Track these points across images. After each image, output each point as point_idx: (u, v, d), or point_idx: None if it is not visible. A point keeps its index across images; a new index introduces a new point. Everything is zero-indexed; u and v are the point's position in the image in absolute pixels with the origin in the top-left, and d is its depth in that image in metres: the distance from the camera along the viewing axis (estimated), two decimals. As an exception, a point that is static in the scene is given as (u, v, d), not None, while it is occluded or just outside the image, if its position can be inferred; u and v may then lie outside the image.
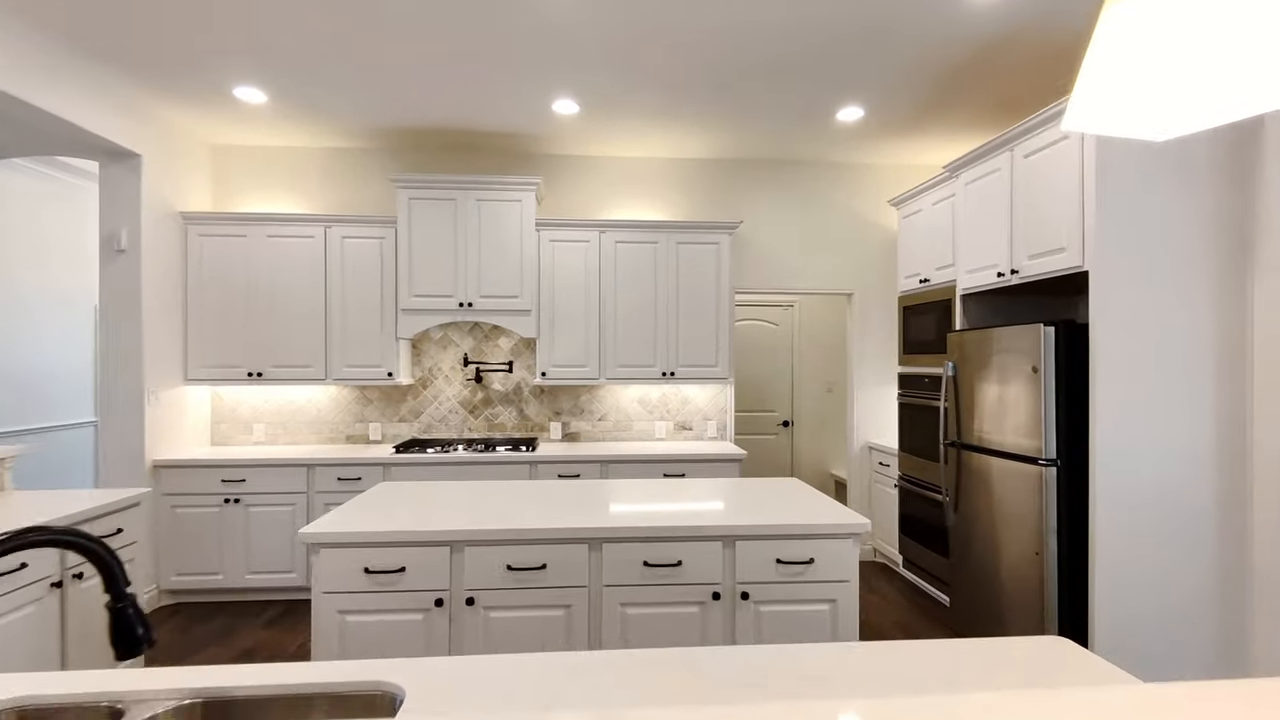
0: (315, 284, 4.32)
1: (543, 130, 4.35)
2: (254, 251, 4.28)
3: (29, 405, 5.92)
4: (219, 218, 4.24)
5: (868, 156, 4.83)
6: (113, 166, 3.83)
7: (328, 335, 4.33)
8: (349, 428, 4.65)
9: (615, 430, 4.81)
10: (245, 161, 4.62)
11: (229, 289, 4.27)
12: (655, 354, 4.51)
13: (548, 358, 4.45)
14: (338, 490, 4.06)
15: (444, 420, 4.70)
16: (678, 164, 4.86)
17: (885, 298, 5.00)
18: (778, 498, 2.69)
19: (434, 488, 2.92)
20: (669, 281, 4.51)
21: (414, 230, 4.30)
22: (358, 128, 4.36)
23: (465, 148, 4.68)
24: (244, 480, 4.02)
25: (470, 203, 4.32)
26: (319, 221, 4.31)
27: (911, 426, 4.19)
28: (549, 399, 4.77)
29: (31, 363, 5.92)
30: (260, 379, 4.28)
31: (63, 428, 6.24)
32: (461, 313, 4.32)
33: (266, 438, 4.59)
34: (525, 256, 4.35)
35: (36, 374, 5.97)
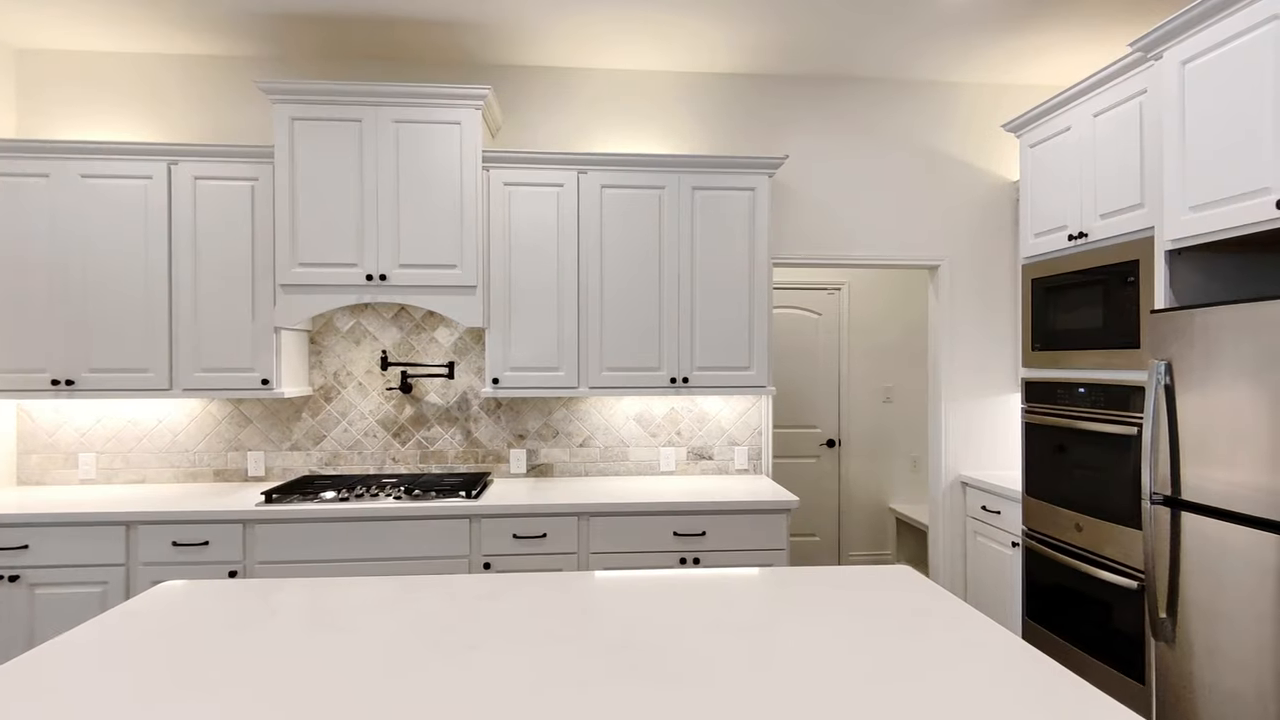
0: (154, 248, 2.89)
1: (495, 17, 2.92)
2: (61, 199, 2.86)
3: None
4: (4, 147, 2.82)
5: (961, 68, 3.38)
6: None
7: (173, 324, 2.90)
8: (219, 459, 3.22)
9: (603, 460, 3.37)
10: (63, 74, 3.19)
11: (22, 254, 2.85)
12: (661, 352, 3.07)
13: (502, 357, 3.02)
14: (174, 561, 2.64)
15: (356, 447, 3.27)
16: (691, 81, 3.42)
17: (985, 271, 3.55)
18: (920, 634, 1.25)
19: (241, 607, 1.50)
20: (681, 245, 3.07)
21: (299, 167, 2.86)
22: (227, 21, 2.93)
23: (384, 55, 3.24)
24: (26, 546, 2.60)
25: (385, 125, 2.89)
26: (159, 154, 2.88)
27: (1052, 460, 2.74)
28: (509, 416, 3.34)
29: None
30: (70, 389, 2.86)
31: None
32: (372, 289, 2.89)
33: (100, 474, 3.17)
34: (467, 206, 2.92)
35: None
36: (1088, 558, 2.55)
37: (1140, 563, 2.31)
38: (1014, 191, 3.56)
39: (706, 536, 2.80)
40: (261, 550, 2.66)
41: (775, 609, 1.56)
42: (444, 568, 2.72)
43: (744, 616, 1.51)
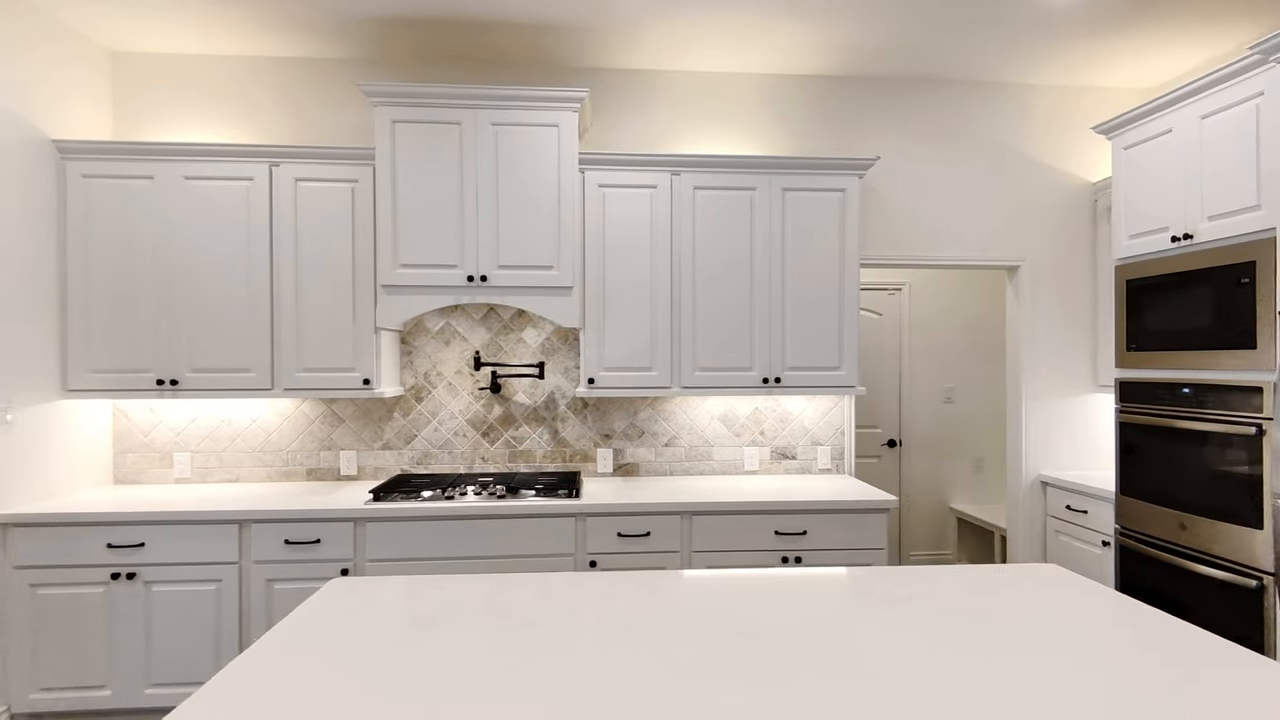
0: (256, 249, 2.92)
1: (591, 20, 2.94)
2: (166, 201, 2.89)
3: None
4: (111, 149, 2.86)
5: (1040, 71, 3.40)
6: (-70, 61, 2.46)
7: (275, 325, 2.93)
8: (312, 458, 3.25)
9: (688, 459, 3.40)
10: (157, 77, 3.23)
11: (129, 256, 2.89)
12: (753, 352, 3.10)
13: (597, 357, 3.04)
14: (286, 559, 2.67)
15: (446, 446, 3.30)
16: (772, 82, 3.44)
17: (1064, 272, 3.57)
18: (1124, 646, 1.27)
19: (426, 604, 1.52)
20: (772, 245, 3.10)
21: (400, 169, 2.89)
22: (321, 23, 2.96)
23: (470, 57, 3.27)
24: (143, 544, 2.63)
25: (484, 128, 2.91)
26: (261, 156, 2.91)
27: (1151, 459, 2.76)
28: (595, 416, 3.37)
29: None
30: (175, 389, 2.89)
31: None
32: (471, 291, 2.92)
33: (194, 473, 3.20)
34: (564, 208, 2.95)
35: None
36: (1195, 556, 2.56)
37: (1258, 561, 2.32)
38: (1093, 193, 3.58)
39: (808, 535, 2.83)
40: (372, 548, 2.69)
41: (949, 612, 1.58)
42: (550, 565, 2.74)
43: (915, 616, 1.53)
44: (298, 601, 2.66)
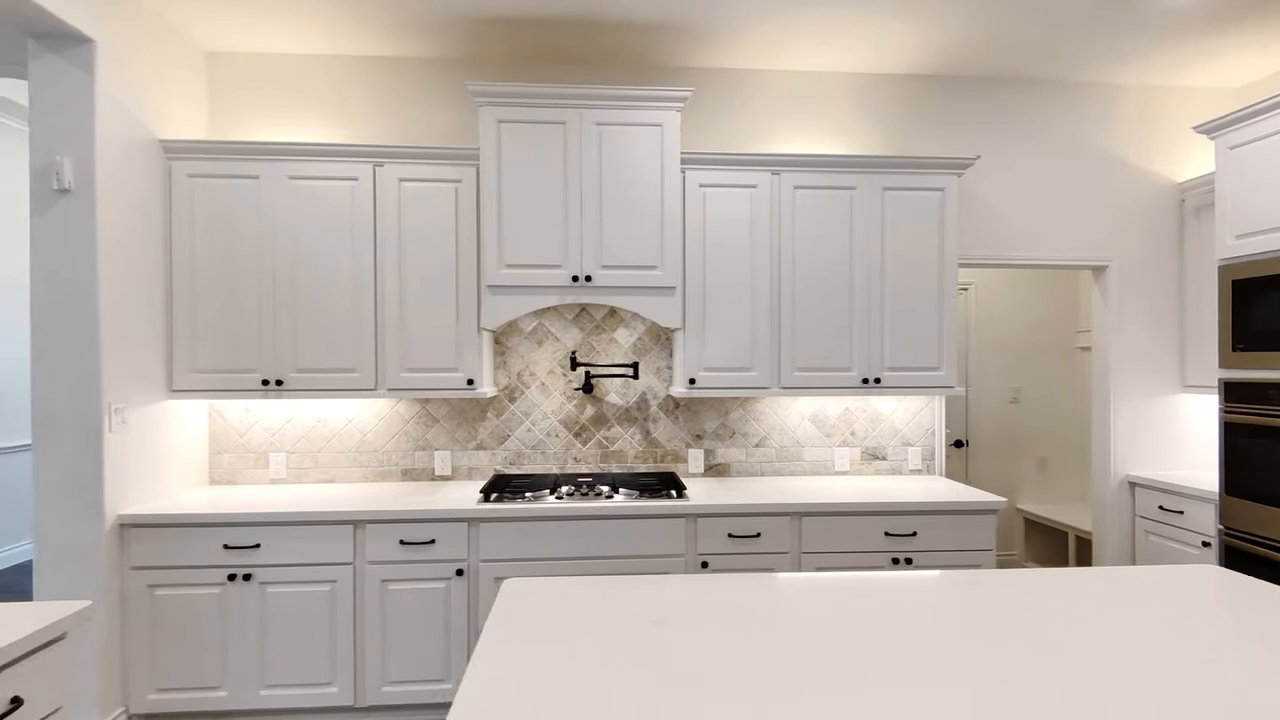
0: (360, 249, 2.92)
1: (695, 20, 2.93)
2: (270, 201, 2.89)
3: None
4: (218, 149, 2.85)
5: (1129, 71, 3.38)
6: (47, 57, 2.45)
7: (379, 326, 2.93)
8: (407, 458, 3.24)
9: (778, 460, 3.39)
10: (250, 76, 3.22)
11: (233, 256, 2.88)
12: (852, 353, 3.09)
13: (697, 357, 3.03)
14: (401, 560, 2.66)
15: (539, 447, 3.29)
16: (864, 81, 3.43)
17: (1152, 272, 3.55)
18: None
19: (640, 604, 1.52)
20: (871, 245, 3.09)
21: (505, 168, 2.89)
22: (419, 22, 2.95)
23: (565, 57, 3.26)
24: (258, 545, 2.62)
25: (588, 128, 2.91)
26: (365, 156, 2.91)
27: (1262, 460, 2.75)
28: (687, 416, 3.36)
29: None
30: (280, 389, 2.88)
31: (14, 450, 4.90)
32: (576, 291, 2.91)
33: (289, 473, 3.20)
34: (667, 208, 2.94)
35: None
36: (1318, 558, 2.55)
37: (1393, 563, 2.31)
38: (1180, 192, 3.57)
39: (918, 537, 2.82)
40: (485, 548, 2.69)
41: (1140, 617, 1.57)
42: (662, 566, 2.74)
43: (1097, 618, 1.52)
44: (412, 603, 2.66)
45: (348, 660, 2.65)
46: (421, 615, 2.67)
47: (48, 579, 2.46)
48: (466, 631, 2.68)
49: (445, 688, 2.68)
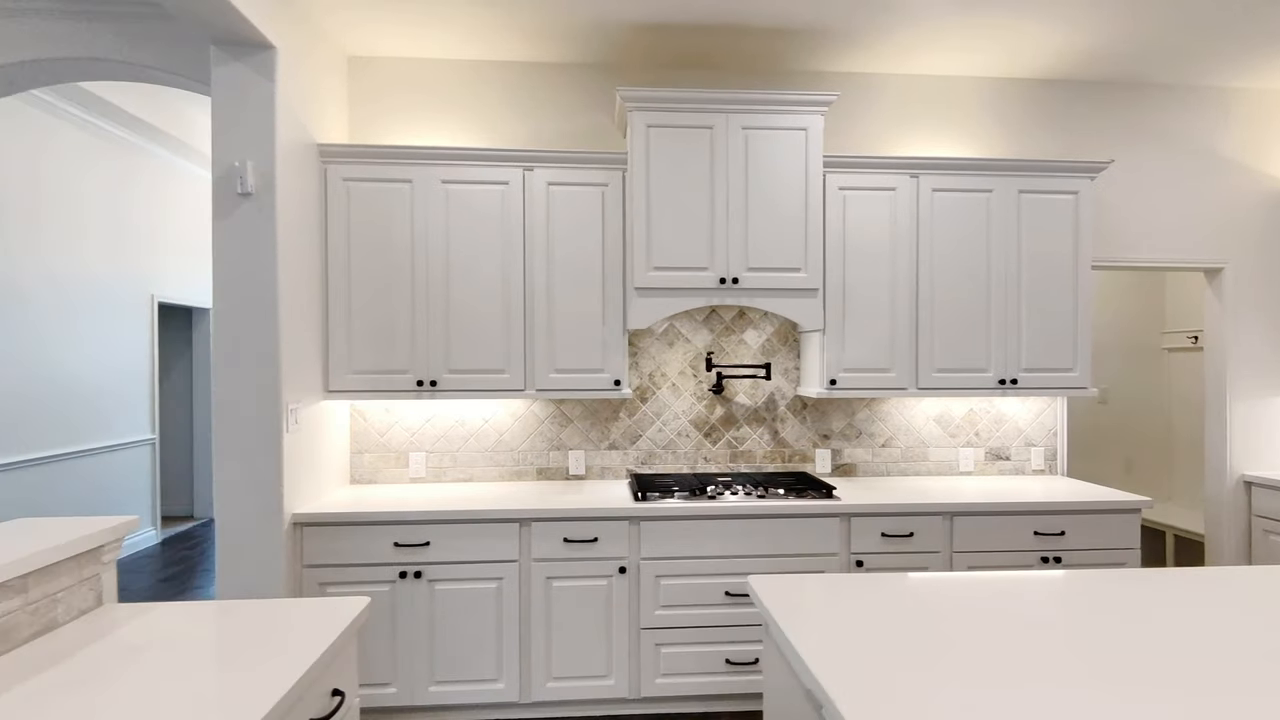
0: (510, 252, 2.96)
1: (837, 24, 2.97)
2: (423, 205, 2.93)
3: (74, 422, 4.63)
4: (373, 153, 2.89)
5: (1246, 75, 3.41)
6: (232, 64, 2.49)
7: (529, 328, 2.97)
8: (542, 458, 3.29)
9: (904, 460, 3.43)
10: (389, 80, 3.26)
11: (387, 259, 2.92)
12: (989, 354, 3.12)
13: (838, 358, 3.07)
14: (565, 557, 2.71)
15: (670, 447, 3.33)
16: (989, 86, 3.46)
17: (1268, 274, 3.59)
18: None
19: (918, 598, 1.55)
20: (1008, 247, 3.12)
21: (654, 172, 2.93)
22: (561, 28, 2.99)
23: (707, 62, 3.29)
24: (428, 543, 2.67)
25: (734, 132, 2.95)
26: (516, 161, 2.95)
27: None
28: (815, 417, 3.40)
29: (75, 369, 4.63)
30: (434, 390, 2.93)
31: (116, 449, 4.95)
32: (721, 293, 2.95)
33: (428, 472, 3.24)
34: (811, 210, 2.98)
35: (81, 383, 4.67)
36: None
37: None
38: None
39: (1066, 536, 2.85)
40: (646, 546, 2.73)
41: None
42: (817, 565, 2.77)
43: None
44: (576, 600, 2.70)
45: (513, 657, 2.69)
46: (585, 612, 2.71)
47: (230, 578, 2.50)
48: (628, 628, 2.73)
49: (608, 684, 2.72)
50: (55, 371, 4.49)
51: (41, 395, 4.37)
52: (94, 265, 4.84)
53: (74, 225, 4.67)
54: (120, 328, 5.11)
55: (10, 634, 1.35)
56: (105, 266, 4.95)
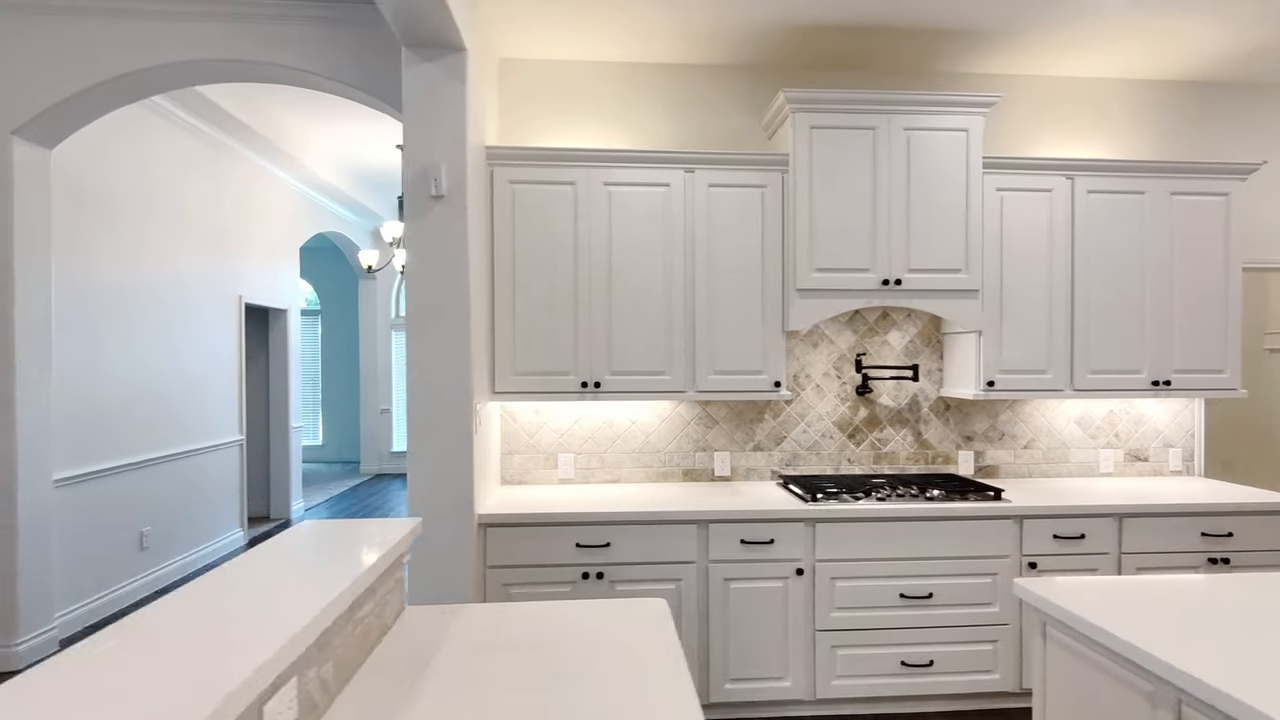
0: (672, 254, 2.96)
1: (989, 26, 2.97)
2: (586, 206, 2.93)
3: (177, 424, 4.65)
4: (538, 156, 2.89)
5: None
6: (423, 67, 2.49)
7: (694, 329, 2.97)
8: (687, 459, 3.29)
9: (1045, 462, 3.42)
10: (538, 82, 3.27)
11: (551, 260, 2.92)
12: (1143, 355, 3.12)
13: (995, 359, 3.07)
14: (742, 559, 2.71)
15: (814, 448, 3.33)
16: (1133, 88, 3.46)
17: (1401, 275, 3.59)
18: None
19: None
20: (1160, 249, 3.12)
21: (817, 173, 2.93)
22: (710, 31, 2.99)
23: (854, 63, 3.29)
24: (608, 545, 2.67)
25: (897, 134, 2.95)
26: (677, 163, 2.95)
27: None
28: (957, 418, 3.39)
29: (178, 371, 4.65)
30: (597, 391, 2.93)
31: (208, 450, 4.97)
32: (883, 294, 2.95)
33: (577, 474, 3.24)
34: (972, 211, 2.98)
35: (183, 384, 4.69)
36: None
37: None
38: None
39: (1234, 538, 2.85)
40: (821, 548, 2.73)
41: None
42: (989, 567, 2.77)
43: None
44: (753, 601, 2.70)
45: (694, 659, 2.69)
46: (762, 614, 2.71)
47: (422, 580, 2.50)
48: (805, 630, 2.72)
49: (784, 685, 2.72)
50: (161, 373, 4.49)
51: (148, 397, 4.37)
52: (193, 267, 4.85)
53: (178, 228, 4.68)
54: (215, 330, 5.12)
55: (367, 636, 1.35)
56: (203, 268, 4.96)
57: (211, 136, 4.97)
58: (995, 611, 2.78)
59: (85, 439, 3.86)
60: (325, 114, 5.26)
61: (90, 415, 3.88)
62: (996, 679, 2.78)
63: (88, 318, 3.86)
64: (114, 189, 4.08)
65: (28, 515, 3.32)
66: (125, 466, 4.16)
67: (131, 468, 4.21)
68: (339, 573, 1.25)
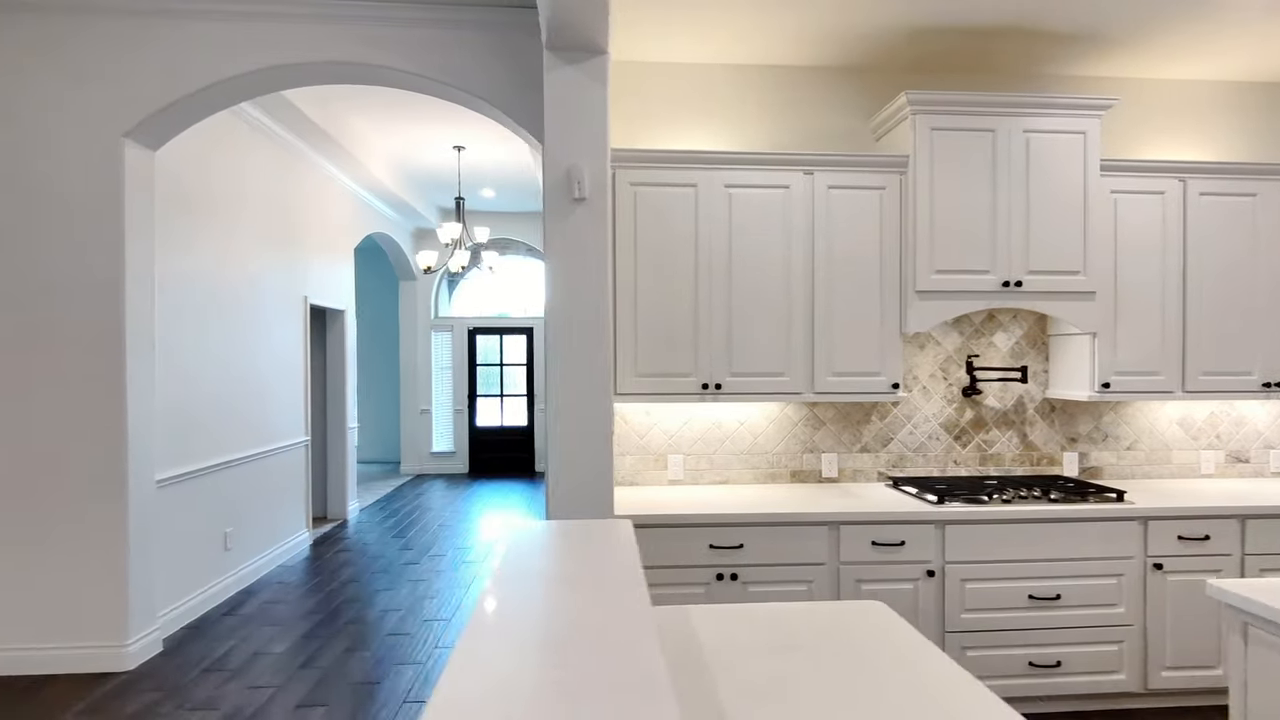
0: (794, 256, 2.97)
1: (1110, 28, 2.98)
2: (706, 208, 2.94)
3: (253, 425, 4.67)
4: (661, 158, 2.90)
5: None
6: (565, 70, 2.50)
7: (813, 331, 2.98)
8: (795, 460, 3.30)
9: (1147, 463, 3.43)
10: (642, 83, 3.27)
11: (671, 261, 2.93)
12: (1255, 356, 3.13)
13: (1110, 361, 3.08)
14: (873, 560, 2.71)
15: (921, 450, 3.34)
16: (1233, 90, 3.47)
17: None
18: None
19: None
20: (1273, 251, 3.13)
21: (937, 175, 2.94)
22: (823, 33, 3.00)
23: (962, 66, 3.30)
24: (741, 546, 2.68)
25: (1016, 136, 2.96)
26: (797, 164, 2.96)
27: None
28: (1062, 420, 3.40)
29: (256, 372, 4.67)
30: (718, 393, 2.94)
31: (281, 450, 4.99)
32: (1002, 296, 2.96)
33: (686, 475, 3.25)
34: (1090, 213, 2.99)
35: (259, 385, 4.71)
36: None
37: None
38: None
39: (1362, 539, 2.86)
40: (950, 550, 2.74)
41: None
42: (1115, 569, 2.78)
43: None
44: (884, 603, 2.70)
45: (824, 659, 2.70)
46: (892, 615, 2.72)
47: (563, 579, 2.51)
48: (936, 631, 2.73)
49: (914, 686, 2.72)
50: (241, 374, 4.50)
51: (230, 397, 4.38)
52: (267, 269, 4.86)
53: (256, 230, 4.69)
54: (285, 331, 5.13)
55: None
56: (275, 270, 4.97)
57: (286, 140, 4.99)
58: (1121, 612, 2.79)
59: (179, 439, 3.87)
60: (389, 116, 5.28)
61: (182, 415, 3.90)
62: (1122, 679, 2.79)
63: (180, 318, 3.87)
64: (207, 192, 4.09)
65: (136, 516, 3.33)
66: (214, 467, 4.17)
67: (218, 468, 4.22)
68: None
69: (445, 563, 5.02)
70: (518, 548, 1.56)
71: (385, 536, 5.79)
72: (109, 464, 3.25)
